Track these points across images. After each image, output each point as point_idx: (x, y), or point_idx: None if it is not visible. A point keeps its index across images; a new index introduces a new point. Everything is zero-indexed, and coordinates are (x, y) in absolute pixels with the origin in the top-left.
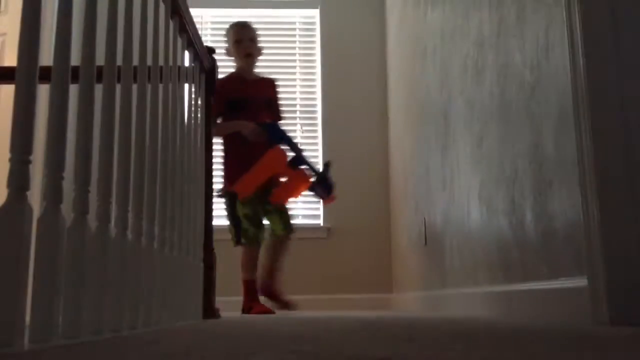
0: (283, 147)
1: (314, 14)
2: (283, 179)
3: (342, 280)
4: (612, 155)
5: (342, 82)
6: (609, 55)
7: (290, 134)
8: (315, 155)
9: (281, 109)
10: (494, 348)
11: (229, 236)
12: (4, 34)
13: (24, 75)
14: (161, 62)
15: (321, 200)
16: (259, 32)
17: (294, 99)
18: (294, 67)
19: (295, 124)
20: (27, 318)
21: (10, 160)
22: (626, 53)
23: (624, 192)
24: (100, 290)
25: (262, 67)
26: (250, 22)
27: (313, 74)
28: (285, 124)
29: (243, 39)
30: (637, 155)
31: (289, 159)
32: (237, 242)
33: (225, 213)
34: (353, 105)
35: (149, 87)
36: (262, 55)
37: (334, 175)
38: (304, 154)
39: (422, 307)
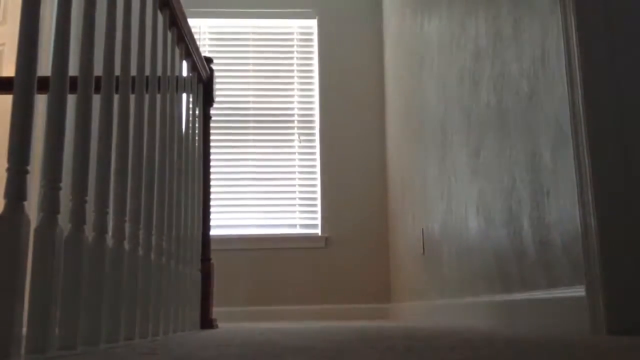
0: None
1: (312, 24)
2: None
3: (340, 290)
4: (609, 164)
5: (340, 92)
6: (605, 64)
7: (287, 144)
8: (313, 165)
9: None
10: (492, 358)
11: (227, 246)
12: (3, 44)
13: (22, 85)
14: (159, 72)
15: None
16: (257, 43)
17: (292, 109)
18: (292, 77)
19: (293, 134)
20: (24, 329)
21: (8, 170)
22: (622, 62)
23: (621, 201)
24: (97, 301)
25: (260, 77)
26: None
27: (311, 83)
28: (283, 134)
29: None
30: (634, 163)
31: None
32: None
33: None
34: (351, 115)
35: (147, 97)
36: (260, 65)
37: (331, 183)
38: None
39: (420, 317)
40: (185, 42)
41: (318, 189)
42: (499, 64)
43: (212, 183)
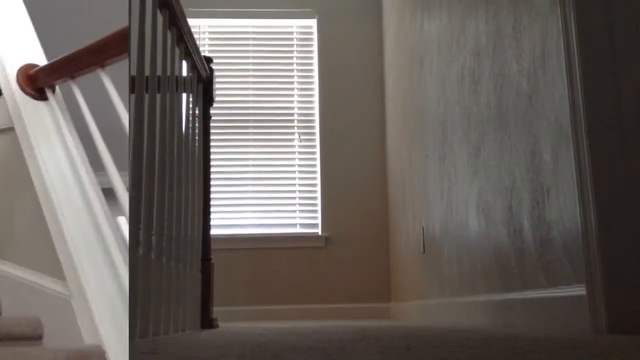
0: None
1: (312, 24)
2: None
3: (340, 290)
4: (609, 163)
5: (340, 92)
6: (605, 64)
7: (287, 144)
8: (313, 165)
9: None
10: (492, 357)
11: (227, 246)
12: None
13: None
14: (159, 72)
15: None
16: (257, 43)
17: (292, 108)
18: (292, 76)
19: (293, 133)
20: None
21: None
22: (622, 62)
23: (622, 200)
24: None
25: (260, 77)
26: None
27: (311, 83)
28: (283, 134)
29: None
30: (634, 162)
31: None
32: None
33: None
34: (351, 115)
35: (146, 96)
36: (259, 65)
37: (331, 183)
38: None
39: (420, 316)
40: (185, 41)
41: (318, 188)
42: (499, 63)
43: (212, 183)
